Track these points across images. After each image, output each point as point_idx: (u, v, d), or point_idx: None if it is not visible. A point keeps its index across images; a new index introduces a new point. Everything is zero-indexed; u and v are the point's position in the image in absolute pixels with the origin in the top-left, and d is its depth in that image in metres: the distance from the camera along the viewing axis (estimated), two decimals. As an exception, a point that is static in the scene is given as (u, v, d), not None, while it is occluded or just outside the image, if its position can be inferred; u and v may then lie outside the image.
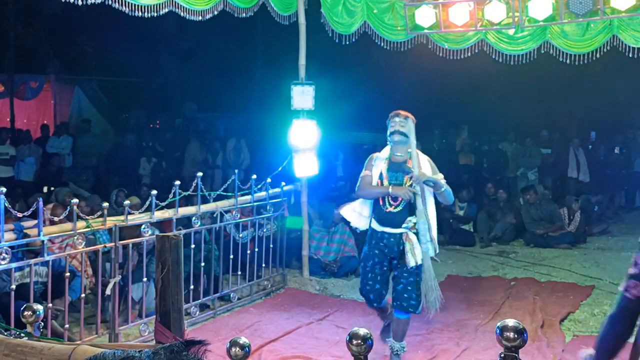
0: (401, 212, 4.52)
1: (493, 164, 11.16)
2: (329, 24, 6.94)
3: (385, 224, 4.57)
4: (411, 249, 4.43)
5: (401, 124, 4.51)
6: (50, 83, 15.03)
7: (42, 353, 1.54)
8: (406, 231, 4.50)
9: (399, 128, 4.51)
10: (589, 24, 6.57)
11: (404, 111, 4.60)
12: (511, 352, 1.74)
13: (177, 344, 1.32)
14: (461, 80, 13.38)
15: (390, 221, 4.54)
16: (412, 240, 4.45)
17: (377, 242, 4.59)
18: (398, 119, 4.53)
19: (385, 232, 4.56)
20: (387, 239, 4.55)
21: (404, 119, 4.54)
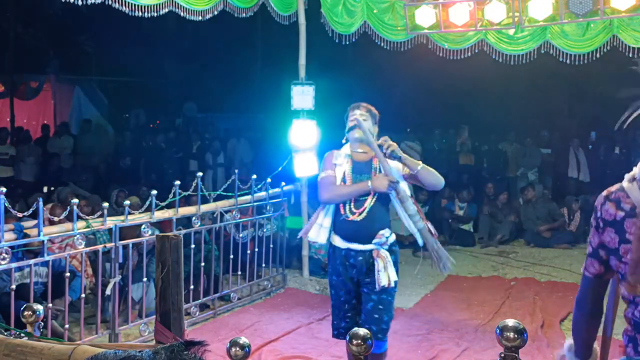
0: (367, 221, 3.67)
1: (493, 164, 11.15)
2: (329, 24, 6.94)
3: (350, 239, 3.69)
4: (384, 268, 3.65)
5: (362, 117, 3.80)
6: (50, 83, 15.04)
7: (42, 353, 1.54)
8: (377, 248, 3.67)
9: (361, 121, 3.80)
10: (589, 24, 6.57)
11: (365, 103, 3.92)
12: (511, 352, 1.74)
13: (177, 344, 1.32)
14: (461, 80, 13.37)
15: (355, 234, 3.67)
16: (385, 258, 3.66)
17: (342, 262, 3.74)
18: (358, 111, 3.83)
19: (352, 250, 3.69)
20: (353, 257, 3.70)
21: (365, 112, 3.84)
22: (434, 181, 3.82)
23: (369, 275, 3.67)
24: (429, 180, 3.79)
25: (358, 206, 3.69)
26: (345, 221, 3.69)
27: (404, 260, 8.02)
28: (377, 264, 3.62)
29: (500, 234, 9.16)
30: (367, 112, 3.85)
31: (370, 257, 3.67)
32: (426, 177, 3.76)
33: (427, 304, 6.24)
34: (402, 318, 5.76)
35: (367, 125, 3.76)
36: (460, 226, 9.40)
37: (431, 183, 3.82)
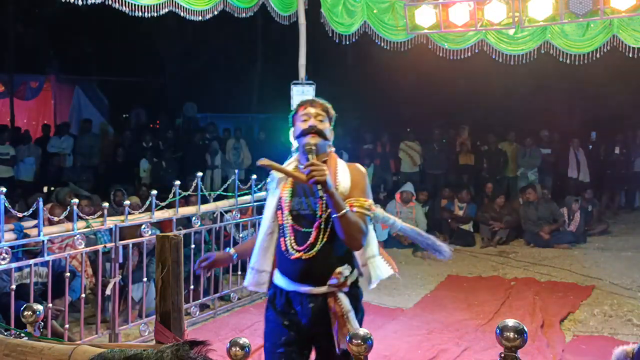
0: (320, 258, 2.69)
1: (493, 164, 11.16)
2: (329, 24, 6.94)
3: (296, 279, 2.74)
4: (341, 324, 2.68)
5: (318, 117, 2.81)
6: (50, 83, 15.05)
7: (42, 353, 1.54)
8: (333, 290, 2.71)
9: (317, 124, 2.78)
10: (589, 24, 6.58)
11: (322, 100, 2.91)
12: (511, 352, 1.74)
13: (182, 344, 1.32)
14: (461, 80, 13.39)
15: (303, 274, 2.72)
16: (344, 307, 2.69)
17: (284, 309, 2.78)
18: (313, 109, 2.81)
19: (297, 293, 2.74)
20: (299, 304, 2.74)
21: (322, 110, 2.84)
22: (350, 237, 2.62)
23: (327, 337, 2.69)
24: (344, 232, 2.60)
25: (301, 241, 2.72)
26: (288, 259, 2.74)
27: (404, 260, 8.07)
28: (333, 318, 2.69)
29: (498, 236, 9.15)
30: (324, 111, 2.85)
31: (324, 303, 2.70)
32: (342, 227, 2.59)
33: (427, 304, 6.24)
34: (402, 318, 5.76)
35: (324, 127, 2.81)
36: (460, 226, 9.40)
37: (345, 236, 2.61)
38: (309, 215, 2.75)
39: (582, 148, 11.68)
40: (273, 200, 2.87)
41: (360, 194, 2.76)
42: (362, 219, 2.68)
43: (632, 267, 7.63)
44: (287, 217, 2.79)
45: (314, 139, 2.75)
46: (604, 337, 5.35)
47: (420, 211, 9.11)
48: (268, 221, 2.88)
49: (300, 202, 2.79)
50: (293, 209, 2.78)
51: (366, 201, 2.75)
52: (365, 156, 12.19)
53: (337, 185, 2.73)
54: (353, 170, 2.84)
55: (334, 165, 2.82)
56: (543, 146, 11.38)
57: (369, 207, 2.77)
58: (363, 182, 2.82)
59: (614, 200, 11.94)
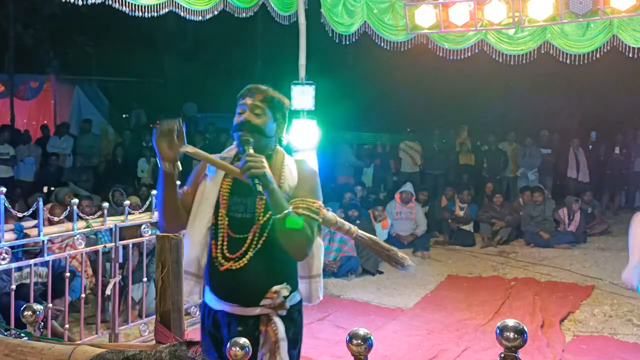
0: (252, 271, 2.32)
1: (493, 164, 11.16)
2: (329, 24, 6.94)
3: (224, 296, 2.37)
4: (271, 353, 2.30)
5: (255, 110, 2.41)
6: (50, 83, 15.05)
7: (42, 353, 1.54)
8: (268, 312, 2.35)
9: (252, 119, 2.40)
10: (589, 24, 6.57)
11: (266, 87, 2.49)
12: (511, 352, 1.74)
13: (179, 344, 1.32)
14: (461, 80, 13.39)
15: (232, 290, 2.34)
16: (278, 333, 2.32)
17: (213, 332, 2.45)
18: (250, 99, 2.42)
19: (225, 313, 2.38)
20: (226, 326, 2.38)
21: (261, 101, 2.43)
22: (292, 244, 2.31)
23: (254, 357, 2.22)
24: (285, 238, 2.30)
25: (234, 248, 2.33)
26: (217, 270, 2.35)
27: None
28: (262, 344, 2.30)
29: (499, 236, 9.15)
30: (265, 102, 2.44)
31: (255, 328, 2.32)
32: (284, 232, 2.28)
33: (427, 304, 6.24)
34: (402, 318, 5.76)
35: (261, 122, 2.41)
36: (461, 226, 9.40)
37: (287, 243, 2.30)
38: (246, 219, 2.37)
39: (582, 148, 11.68)
40: (214, 188, 2.44)
41: (308, 194, 2.40)
42: (308, 223, 2.32)
43: (632, 267, 7.63)
44: (223, 218, 2.39)
45: (246, 136, 2.36)
46: (604, 337, 5.35)
47: (420, 211, 9.12)
48: (209, 212, 2.42)
49: (238, 203, 2.41)
50: (230, 209, 2.40)
51: (314, 202, 2.38)
52: (365, 156, 12.20)
53: (281, 183, 2.38)
54: (302, 167, 2.48)
55: (279, 162, 2.46)
56: (543, 146, 11.38)
57: (318, 210, 2.38)
58: (312, 181, 2.46)
59: (614, 200, 11.93)
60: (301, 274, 2.51)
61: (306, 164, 2.55)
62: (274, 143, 2.50)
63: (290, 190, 2.40)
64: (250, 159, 2.24)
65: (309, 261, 2.48)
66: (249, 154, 2.27)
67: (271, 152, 2.47)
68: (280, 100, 2.51)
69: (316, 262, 2.50)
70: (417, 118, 14.18)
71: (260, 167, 2.23)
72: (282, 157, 2.49)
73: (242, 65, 17.42)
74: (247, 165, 2.23)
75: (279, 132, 2.52)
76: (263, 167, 2.24)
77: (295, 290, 2.45)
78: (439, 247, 8.94)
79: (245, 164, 2.24)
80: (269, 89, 2.48)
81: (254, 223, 2.36)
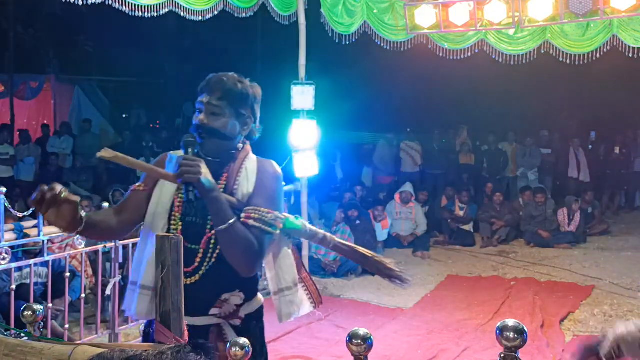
0: (207, 284, 2.14)
1: (493, 164, 11.16)
2: (329, 24, 6.94)
3: None
4: None
5: (213, 110, 2.16)
6: (50, 83, 15.06)
7: (42, 353, 1.54)
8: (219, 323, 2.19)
9: (208, 121, 2.16)
10: (589, 24, 6.57)
11: (227, 79, 2.23)
12: (511, 352, 1.74)
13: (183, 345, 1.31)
14: (461, 80, 13.38)
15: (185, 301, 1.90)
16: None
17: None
18: (207, 97, 2.19)
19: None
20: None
21: (219, 99, 2.17)
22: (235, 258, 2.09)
23: None
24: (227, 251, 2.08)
25: (186, 259, 1.89)
26: None
27: (404, 260, 8.06)
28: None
29: (498, 235, 9.15)
30: (225, 99, 2.17)
31: (205, 339, 2.07)
32: (225, 245, 2.08)
33: (427, 304, 6.24)
34: (402, 318, 5.76)
35: (220, 124, 2.16)
36: (461, 226, 9.40)
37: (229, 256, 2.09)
38: (197, 224, 2.14)
39: (582, 148, 11.68)
40: (172, 187, 2.17)
41: (265, 203, 2.14)
42: (258, 236, 2.08)
43: (632, 267, 7.63)
44: (176, 223, 2.16)
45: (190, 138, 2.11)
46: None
47: (420, 211, 9.12)
48: (165, 215, 2.17)
49: (191, 207, 2.14)
50: (184, 213, 2.16)
51: (270, 213, 2.12)
52: (366, 156, 12.20)
53: (235, 189, 2.15)
54: (263, 170, 2.22)
55: (238, 164, 2.20)
56: (543, 146, 11.38)
57: (274, 222, 2.14)
58: (272, 187, 2.20)
59: (614, 201, 11.94)
60: (272, 289, 2.34)
61: (269, 167, 2.26)
62: (238, 142, 2.24)
63: (244, 198, 2.15)
64: (184, 162, 1.99)
65: (278, 273, 2.29)
66: (185, 157, 2.03)
67: (233, 152, 2.22)
68: (244, 93, 2.21)
69: (285, 275, 2.28)
70: (417, 118, 14.18)
71: (195, 172, 1.97)
72: (243, 158, 2.22)
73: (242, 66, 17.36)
74: (180, 171, 1.98)
75: (246, 128, 2.24)
76: (199, 173, 1.98)
77: (252, 298, 2.23)
78: (439, 247, 8.94)
79: (178, 169, 1.98)
80: (230, 80, 2.20)
81: (204, 232, 2.12)
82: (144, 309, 2.15)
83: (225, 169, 2.20)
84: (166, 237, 1.61)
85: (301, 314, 2.37)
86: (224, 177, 2.18)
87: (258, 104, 2.29)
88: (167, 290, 1.61)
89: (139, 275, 2.17)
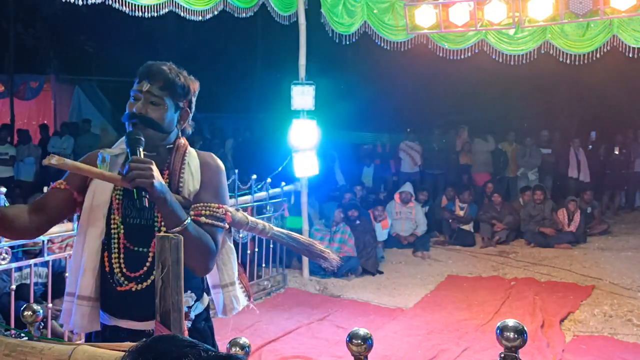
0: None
1: (493, 164, 11.16)
2: (329, 24, 6.95)
3: (119, 314, 2.05)
4: None
5: (152, 99, 2.04)
6: (50, 83, 15.07)
7: (42, 353, 1.54)
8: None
9: (146, 111, 2.03)
10: (589, 24, 6.58)
11: (168, 69, 2.08)
12: (511, 352, 1.74)
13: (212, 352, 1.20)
14: (461, 80, 13.40)
15: (129, 308, 2.02)
16: None
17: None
18: (147, 85, 2.04)
19: (119, 328, 2.06)
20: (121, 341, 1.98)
21: (161, 89, 2.05)
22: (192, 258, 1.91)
23: None
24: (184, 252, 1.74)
25: (132, 265, 2.01)
26: (113, 289, 2.03)
27: (404, 260, 8.07)
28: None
29: (497, 236, 9.15)
30: (166, 90, 2.06)
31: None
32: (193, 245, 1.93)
33: (427, 304, 6.24)
34: (402, 318, 5.76)
35: (158, 115, 2.05)
36: (461, 226, 9.40)
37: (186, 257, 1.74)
38: (143, 226, 2.03)
39: (582, 148, 11.69)
40: (107, 189, 2.05)
41: (213, 198, 2.06)
42: (211, 232, 2.00)
43: (632, 267, 7.63)
44: (117, 227, 2.03)
45: (136, 135, 1.96)
46: (604, 337, 5.35)
47: (420, 211, 9.12)
48: (102, 219, 2.04)
49: (132, 207, 2.04)
50: (125, 215, 2.04)
51: (219, 207, 2.05)
52: (365, 156, 12.19)
53: (180, 187, 2.05)
54: (206, 164, 2.13)
55: (178, 159, 2.10)
56: (543, 146, 11.38)
57: (223, 216, 2.06)
58: (217, 181, 2.12)
59: (614, 201, 11.93)
60: (213, 283, 2.23)
61: (212, 160, 2.16)
62: (174, 136, 2.12)
63: (190, 196, 2.06)
64: (135, 165, 1.83)
65: (222, 268, 2.21)
66: (134, 159, 1.86)
67: (170, 146, 2.11)
68: (185, 85, 2.09)
69: (228, 270, 2.19)
70: (417, 118, 14.19)
71: (147, 176, 1.82)
72: (183, 153, 2.11)
73: (242, 65, 17.42)
74: (131, 175, 1.82)
75: (182, 122, 2.14)
76: (151, 177, 1.83)
77: (199, 299, 2.15)
78: (439, 247, 8.94)
79: (128, 172, 1.82)
80: (172, 71, 2.07)
81: (152, 234, 1.98)
82: (84, 321, 2.02)
83: (165, 165, 2.08)
84: (166, 237, 1.61)
85: (240, 308, 2.29)
86: (165, 174, 2.06)
87: (195, 98, 2.21)
88: (167, 290, 1.61)
89: (76, 285, 2.04)
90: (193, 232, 1.92)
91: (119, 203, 2.03)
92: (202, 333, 2.12)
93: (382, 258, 7.85)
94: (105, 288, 2.03)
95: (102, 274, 2.03)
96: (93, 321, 2.03)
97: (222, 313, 2.25)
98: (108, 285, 2.03)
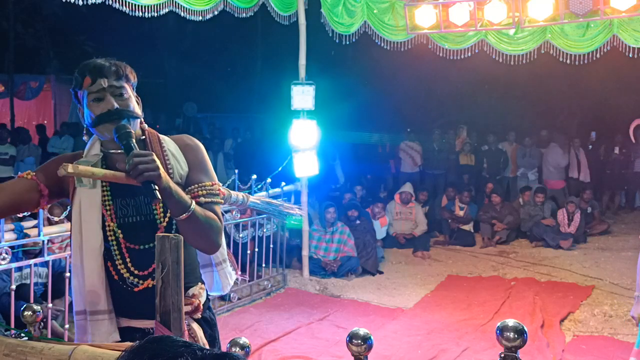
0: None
1: (493, 164, 11.16)
2: (329, 24, 6.95)
3: (135, 315, 2.02)
4: None
5: (118, 91, 1.99)
6: (50, 83, 15.08)
7: (42, 353, 1.54)
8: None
9: (122, 104, 1.99)
10: (589, 24, 6.58)
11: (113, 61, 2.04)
12: (511, 352, 1.74)
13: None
14: (461, 80, 13.40)
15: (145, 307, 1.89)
16: (198, 338, 2.08)
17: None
18: (105, 81, 1.96)
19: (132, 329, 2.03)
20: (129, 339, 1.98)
21: (118, 79, 2.00)
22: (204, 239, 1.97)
23: None
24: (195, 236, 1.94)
25: (141, 263, 1.98)
26: (126, 292, 2.00)
27: (404, 260, 8.07)
28: None
29: (498, 236, 9.15)
30: (123, 79, 2.02)
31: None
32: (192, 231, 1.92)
33: (427, 304, 6.24)
34: (402, 318, 5.76)
35: (131, 104, 2.04)
36: (461, 226, 9.40)
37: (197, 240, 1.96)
38: (141, 222, 1.98)
39: (582, 148, 11.68)
40: (96, 196, 1.98)
41: (204, 176, 2.04)
42: (212, 209, 1.99)
43: (632, 267, 7.58)
44: (114, 231, 1.98)
45: (125, 128, 1.89)
46: (604, 337, 5.35)
47: (420, 211, 9.12)
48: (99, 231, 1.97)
49: (125, 205, 1.98)
50: (118, 217, 1.98)
51: (213, 184, 2.03)
52: (366, 157, 12.20)
53: (170, 173, 1.97)
54: (185, 146, 2.08)
55: (157, 145, 2.03)
56: (543, 146, 11.38)
57: (218, 191, 2.06)
58: (202, 158, 2.07)
59: (614, 201, 11.94)
60: (204, 263, 2.19)
61: (189, 141, 2.11)
62: (138, 125, 2.06)
63: (181, 178, 2.02)
64: (139, 160, 1.75)
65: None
66: (134, 153, 1.78)
67: (143, 137, 2.05)
68: (129, 70, 2.06)
69: (221, 248, 2.14)
70: (417, 118, 14.19)
71: (154, 167, 1.76)
72: (157, 138, 2.07)
73: (242, 65, 17.43)
74: (137, 169, 1.74)
75: (140, 109, 2.10)
76: (157, 168, 1.76)
77: (204, 287, 2.17)
78: (439, 247, 8.94)
79: (134, 167, 1.74)
80: (112, 61, 2.01)
81: (155, 227, 1.96)
82: (103, 335, 1.96)
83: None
84: (166, 237, 1.61)
85: (232, 282, 2.27)
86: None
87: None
88: (167, 290, 1.61)
89: (83, 303, 1.99)
90: (200, 213, 1.90)
91: (109, 209, 1.97)
92: (209, 322, 2.12)
93: (382, 258, 7.85)
94: (120, 295, 1.99)
95: (111, 283, 1.99)
96: (113, 332, 1.98)
97: (218, 290, 2.23)
98: (122, 292, 1.99)
